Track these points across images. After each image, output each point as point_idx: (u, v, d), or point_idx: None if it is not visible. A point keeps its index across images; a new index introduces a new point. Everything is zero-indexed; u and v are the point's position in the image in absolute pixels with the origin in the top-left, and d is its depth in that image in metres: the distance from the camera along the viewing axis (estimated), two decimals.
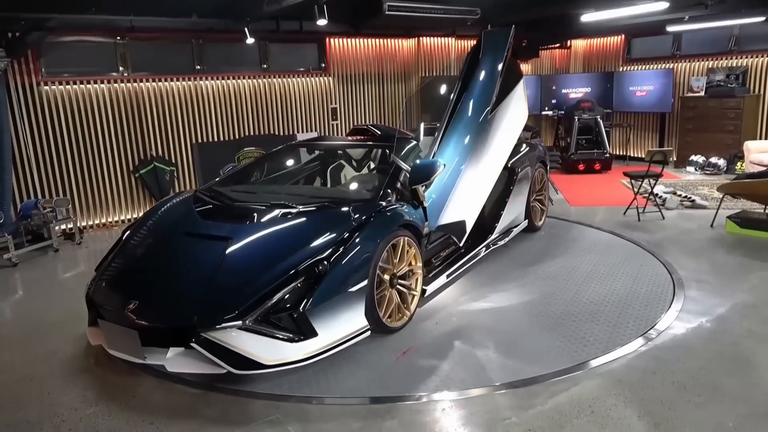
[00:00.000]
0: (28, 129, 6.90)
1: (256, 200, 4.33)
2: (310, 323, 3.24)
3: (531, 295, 4.53)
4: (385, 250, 3.74)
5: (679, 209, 7.11)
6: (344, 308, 3.42)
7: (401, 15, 7.16)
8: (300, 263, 3.40)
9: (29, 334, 4.25)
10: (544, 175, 6.40)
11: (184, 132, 7.97)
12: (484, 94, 4.85)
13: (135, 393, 3.31)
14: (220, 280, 3.37)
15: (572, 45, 11.79)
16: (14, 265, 5.98)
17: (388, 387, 3.24)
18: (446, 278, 4.57)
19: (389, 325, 3.80)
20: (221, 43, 8.06)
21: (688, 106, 9.86)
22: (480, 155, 4.73)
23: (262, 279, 3.31)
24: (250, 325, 3.14)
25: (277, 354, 3.18)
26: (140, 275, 3.71)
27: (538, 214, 6.29)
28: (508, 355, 3.56)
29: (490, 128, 4.83)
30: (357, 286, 3.48)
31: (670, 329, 3.82)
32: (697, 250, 5.49)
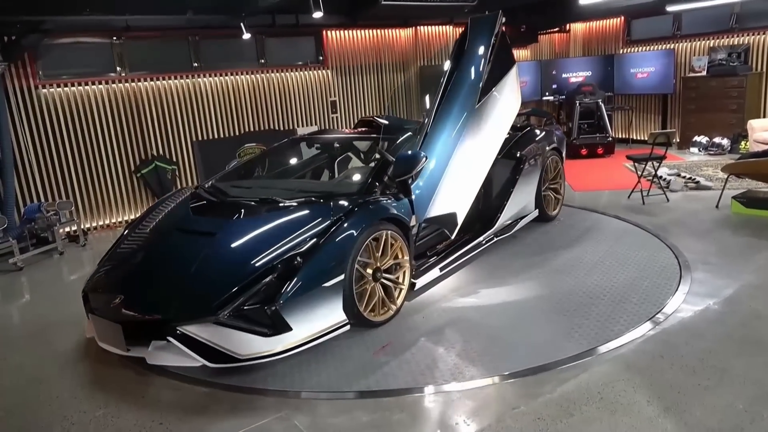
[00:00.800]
0: (28, 132, 6.90)
1: (250, 195, 4.42)
2: (282, 318, 3.26)
3: (530, 285, 4.49)
4: (365, 244, 3.71)
5: (684, 191, 7.06)
6: (320, 303, 3.43)
7: (397, 5, 7.11)
8: (276, 258, 3.44)
9: (37, 337, 4.27)
10: (559, 163, 6.20)
11: (184, 130, 7.95)
12: (471, 83, 4.69)
13: (144, 393, 3.32)
14: (198, 275, 3.46)
15: (571, 29, 11.69)
16: (20, 269, 6.00)
17: (389, 380, 3.24)
18: (439, 271, 4.53)
19: (372, 319, 3.80)
20: (218, 40, 8.02)
21: (690, 86, 9.77)
22: (469, 145, 4.62)
23: (239, 273, 3.38)
24: (223, 320, 3.20)
25: (250, 348, 3.24)
26: (130, 270, 3.82)
27: (552, 204, 6.12)
28: (484, 351, 3.48)
29: (479, 118, 4.69)
30: (333, 280, 3.48)
31: (678, 312, 3.80)
32: (703, 232, 5.46)
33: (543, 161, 5.83)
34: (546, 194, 5.99)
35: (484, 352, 3.48)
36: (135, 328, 3.36)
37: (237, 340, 3.22)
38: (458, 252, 4.80)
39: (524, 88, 10.93)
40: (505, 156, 5.42)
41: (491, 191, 5.34)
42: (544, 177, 5.86)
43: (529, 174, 5.61)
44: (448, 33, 9.98)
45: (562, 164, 6.30)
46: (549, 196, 6.06)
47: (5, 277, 5.83)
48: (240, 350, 3.22)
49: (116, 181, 7.57)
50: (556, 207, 6.20)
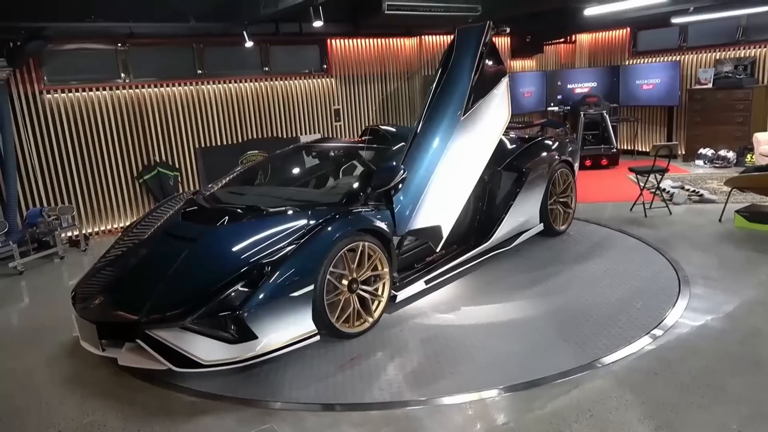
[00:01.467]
0: (32, 137, 6.94)
1: (240, 202, 4.48)
2: (247, 326, 3.27)
3: (522, 301, 4.42)
4: (338, 255, 3.70)
5: (687, 204, 6.99)
6: (288, 312, 3.43)
7: (401, 14, 7.10)
8: (246, 266, 3.47)
9: (31, 342, 4.27)
10: (569, 176, 5.98)
11: (188, 137, 7.98)
12: (457, 95, 4.58)
13: (133, 401, 3.30)
14: (172, 280, 3.53)
15: (577, 39, 11.67)
16: (20, 273, 6.02)
17: (375, 393, 3.21)
18: (425, 284, 4.46)
19: (345, 330, 3.78)
20: (222, 47, 8.06)
21: (696, 98, 9.71)
22: (454, 157, 4.51)
23: (208, 280, 3.44)
24: (189, 325, 3.25)
25: (215, 354, 3.27)
26: (114, 272, 3.92)
27: (560, 218, 5.92)
28: (456, 367, 3.41)
29: (465, 129, 4.57)
30: (301, 290, 3.47)
31: (675, 328, 3.75)
32: (705, 246, 5.40)
33: (550, 174, 5.66)
34: (553, 208, 5.82)
35: (455, 368, 3.41)
36: (109, 329, 3.47)
37: (202, 345, 3.26)
38: (448, 265, 4.72)
39: (529, 98, 10.94)
40: (505, 168, 5.35)
41: (489, 204, 5.26)
42: (551, 190, 5.71)
43: (533, 187, 5.47)
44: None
45: (574, 177, 6.10)
46: (557, 210, 5.89)
47: (5, 281, 5.85)
48: (204, 356, 3.25)
49: (119, 187, 7.59)
50: (565, 222, 6.01)
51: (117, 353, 3.43)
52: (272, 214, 4.06)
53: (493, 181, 5.27)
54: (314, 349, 3.69)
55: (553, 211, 5.83)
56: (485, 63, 4.73)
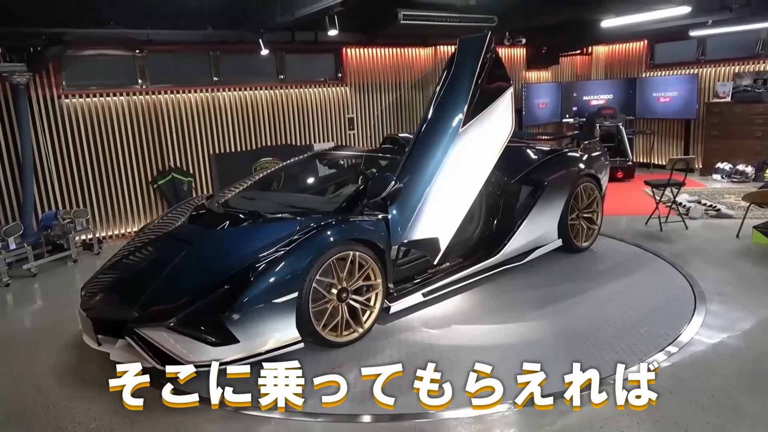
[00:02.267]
0: (49, 141, 7.03)
1: (245, 207, 4.59)
2: (227, 329, 3.34)
3: (530, 314, 4.35)
4: (326, 264, 3.70)
5: (704, 219, 6.89)
6: (270, 318, 3.46)
7: (417, 24, 7.11)
8: (233, 271, 3.54)
9: (41, 344, 4.29)
10: (595, 190, 5.74)
11: (202, 143, 8.03)
12: (456, 107, 4.48)
13: (148, 411, 3.28)
14: (165, 280, 3.65)
15: (593, 51, 11.60)
16: (33, 276, 6.07)
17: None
18: (422, 296, 4.40)
19: (332, 339, 3.79)
20: (238, 55, 8.12)
21: (714, 112, 9.60)
22: (452, 169, 4.41)
23: (196, 281, 3.55)
24: (173, 325, 3.35)
25: (197, 355, 3.34)
26: (119, 270, 4.10)
27: (583, 234, 5.69)
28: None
29: (465, 141, 4.46)
30: (284, 297, 3.49)
31: (690, 345, 3.67)
32: (721, 262, 5.30)
33: (572, 188, 5.46)
34: (575, 223, 5.60)
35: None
36: (101, 325, 3.62)
37: (186, 346, 3.35)
38: (450, 278, 4.64)
39: (544, 109, 10.89)
40: (520, 180, 5.22)
41: (500, 217, 5.14)
42: (573, 205, 5.51)
43: (550, 200, 5.28)
44: None
45: (601, 192, 5.86)
46: (580, 226, 5.65)
47: (18, 282, 5.90)
48: (187, 356, 3.33)
49: (133, 192, 7.65)
50: (588, 238, 5.77)
51: (110, 349, 3.56)
52: (268, 221, 4.15)
53: (507, 193, 5.17)
54: (302, 355, 3.66)
55: (575, 227, 5.61)
56: (487, 74, 4.60)
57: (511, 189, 5.17)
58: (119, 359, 3.42)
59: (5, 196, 6.83)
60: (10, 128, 6.71)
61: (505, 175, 5.15)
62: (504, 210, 5.15)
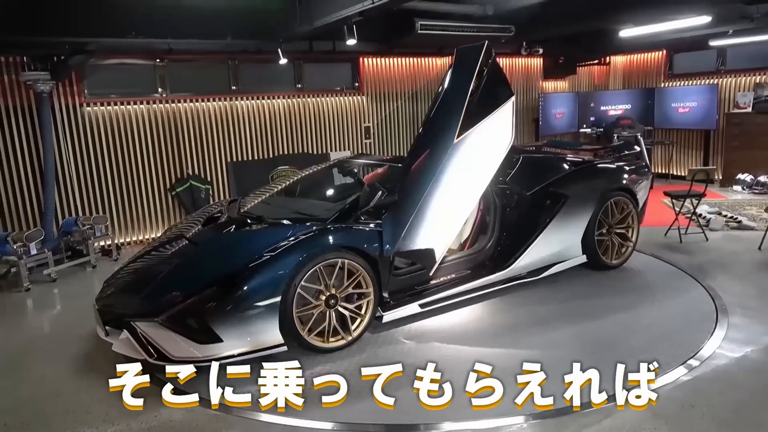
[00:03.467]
0: (71, 148, 7.14)
1: (256, 212, 4.73)
2: (211, 329, 3.50)
3: (541, 326, 4.31)
4: (312, 270, 3.78)
5: (725, 230, 6.79)
6: (254, 320, 3.58)
7: (434, 34, 7.13)
8: (223, 273, 3.70)
9: (61, 349, 4.33)
10: (629, 205, 5.44)
11: (220, 151, 8.10)
12: (452, 117, 4.39)
13: (156, 413, 3.30)
14: (165, 278, 3.86)
15: (611, 61, 11.54)
16: (53, 281, 6.15)
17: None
18: (419, 308, 4.36)
19: (317, 344, 3.87)
20: (256, 64, 8.20)
21: (734, 122, 9.49)
22: (447, 181, 4.35)
23: (190, 282, 3.72)
24: (163, 321, 3.54)
25: (182, 352, 3.52)
26: (133, 267, 4.32)
27: (613, 251, 5.40)
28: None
29: (460, 153, 4.37)
30: (268, 301, 3.60)
31: (712, 359, 3.62)
32: (743, 274, 5.22)
33: (600, 202, 5.21)
34: (604, 239, 5.33)
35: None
36: (107, 317, 3.85)
37: (173, 342, 3.54)
38: (452, 290, 4.56)
39: (561, 119, 10.84)
40: (539, 192, 5.05)
41: (515, 230, 4.98)
42: (602, 219, 5.26)
43: (572, 215, 5.06)
44: None
45: (637, 207, 5.55)
46: (610, 242, 5.37)
47: (39, 287, 5.98)
48: (173, 352, 3.52)
49: (151, 199, 7.73)
50: (620, 255, 5.48)
51: (114, 339, 3.74)
52: (266, 227, 4.31)
53: (522, 206, 5.01)
54: (302, 355, 3.65)
55: (603, 243, 5.34)
56: (485, 85, 4.49)
57: (528, 201, 5.02)
58: (120, 350, 3.67)
59: (27, 201, 6.95)
60: (33, 135, 6.83)
61: (521, 187, 5.04)
62: (519, 223, 5.00)
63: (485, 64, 4.52)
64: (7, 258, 5.98)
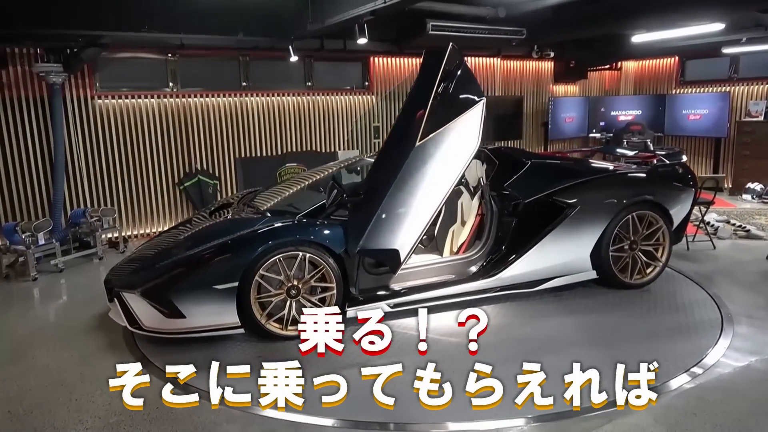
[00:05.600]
0: (81, 140, 7.20)
1: (257, 204, 4.99)
2: (174, 304, 3.89)
3: (542, 328, 4.31)
4: (271, 260, 4.01)
5: (733, 239, 6.75)
6: (212, 302, 3.93)
7: (445, 35, 7.12)
8: (188, 255, 4.06)
9: (67, 338, 4.38)
10: (658, 219, 4.99)
11: (229, 147, 8.13)
12: (414, 121, 4.32)
13: (159, 404, 3.31)
14: (153, 257, 4.26)
15: (623, 66, 11.50)
16: (60, 271, 6.19)
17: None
18: (389, 308, 4.36)
19: (273, 330, 4.09)
20: (267, 61, 8.22)
21: (746, 131, 9.43)
22: (408, 185, 4.30)
23: (166, 260, 4.10)
24: (139, 294, 3.96)
25: (153, 323, 3.98)
26: (141, 248, 4.77)
27: (634, 269, 4.98)
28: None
29: (422, 156, 4.29)
30: (224, 285, 3.91)
31: (716, 367, 3.60)
32: (750, 284, 5.18)
33: (617, 215, 4.85)
34: (622, 255, 4.94)
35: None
36: (108, 288, 4.27)
37: (146, 313, 3.98)
38: (429, 293, 4.54)
39: (570, 123, 10.80)
40: (537, 201, 4.82)
41: (507, 238, 4.82)
42: (620, 234, 4.90)
43: (579, 226, 4.78)
44: (495, 65, 9.96)
45: (670, 224, 5.07)
46: (631, 259, 4.97)
47: (46, 277, 6.02)
48: (146, 322, 3.99)
49: (159, 193, 7.78)
50: (644, 275, 5.03)
51: (113, 308, 4.20)
52: (251, 215, 4.62)
53: (520, 213, 4.80)
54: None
55: (621, 260, 4.95)
56: (452, 88, 4.40)
57: (525, 209, 4.81)
58: (113, 317, 4.21)
59: (37, 192, 7.01)
60: (45, 127, 6.89)
61: (521, 194, 4.84)
62: (514, 231, 4.81)
63: (451, 67, 4.43)
64: (16, 247, 6.03)
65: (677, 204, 5.16)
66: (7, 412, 3.31)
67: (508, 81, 10.35)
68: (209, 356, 3.48)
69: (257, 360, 3.49)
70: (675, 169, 5.59)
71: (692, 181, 5.37)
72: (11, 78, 6.71)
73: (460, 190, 5.23)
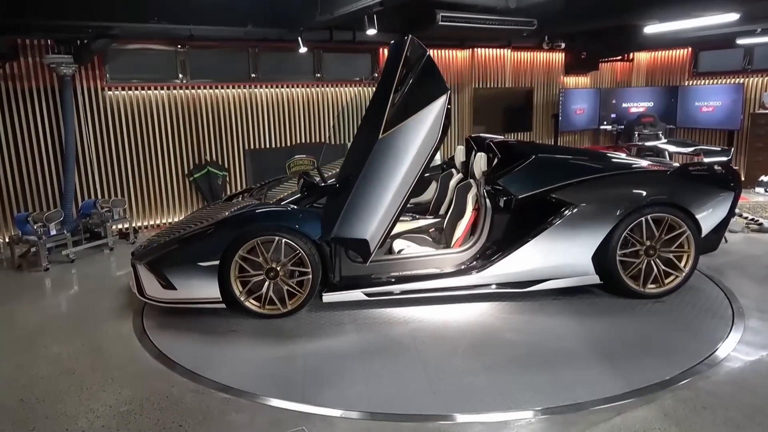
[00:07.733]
0: (92, 132, 7.23)
1: (275, 192, 5.37)
2: (166, 277, 4.33)
3: (553, 326, 4.30)
4: (250, 243, 4.31)
5: (745, 232, 6.68)
6: (196, 277, 4.32)
7: (455, 26, 7.07)
8: (182, 234, 4.50)
9: (78, 328, 4.42)
10: (680, 224, 4.55)
11: (238, 138, 8.14)
12: (377, 114, 4.29)
13: (168, 394, 3.35)
14: (171, 234, 4.66)
15: (635, 58, 11.36)
16: (71, 261, 6.24)
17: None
18: (365, 296, 4.57)
19: (252, 308, 4.42)
20: (276, 52, 8.20)
21: (759, 123, 9.30)
22: (373, 178, 4.33)
23: (169, 237, 4.55)
24: (145, 265, 4.42)
25: (153, 292, 4.44)
26: (174, 225, 5.20)
27: (649, 276, 4.59)
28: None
29: (385, 149, 4.28)
30: (207, 263, 4.29)
31: (727, 362, 3.56)
32: (762, 277, 5.13)
33: (623, 216, 4.50)
34: (633, 261, 4.58)
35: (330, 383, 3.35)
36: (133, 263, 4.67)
37: (150, 283, 4.44)
38: (408, 285, 4.61)
39: (581, 115, 10.71)
40: (530, 198, 4.63)
41: (495, 236, 4.72)
42: (630, 238, 4.56)
43: (578, 227, 4.52)
44: (505, 56, 9.88)
45: (698, 230, 4.62)
46: (646, 265, 4.58)
47: (57, 267, 6.07)
48: (148, 291, 4.47)
49: (169, 184, 7.81)
50: (662, 284, 4.61)
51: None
52: (249, 201, 5.06)
53: (512, 209, 4.64)
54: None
55: (632, 266, 4.59)
56: (414, 80, 4.30)
57: (518, 206, 4.62)
58: (132, 287, 4.65)
59: (48, 183, 7.06)
60: (56, 118, 6.93)
61: (514, 190, 4.65)
62: (504, 228, 4.69)
63: (413, 59, 4.31)
64: (28, 238, 6.09)
65: (707, 208, 4.69)
66: (20, 400, 3.35)
67: (519, 72, 10.27)
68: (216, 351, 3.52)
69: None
70: (711, 168, 5.08)
71: (732, 183, 4.88)
72: (22, 69, 6.74)
73: (470, 183, 5.19)
